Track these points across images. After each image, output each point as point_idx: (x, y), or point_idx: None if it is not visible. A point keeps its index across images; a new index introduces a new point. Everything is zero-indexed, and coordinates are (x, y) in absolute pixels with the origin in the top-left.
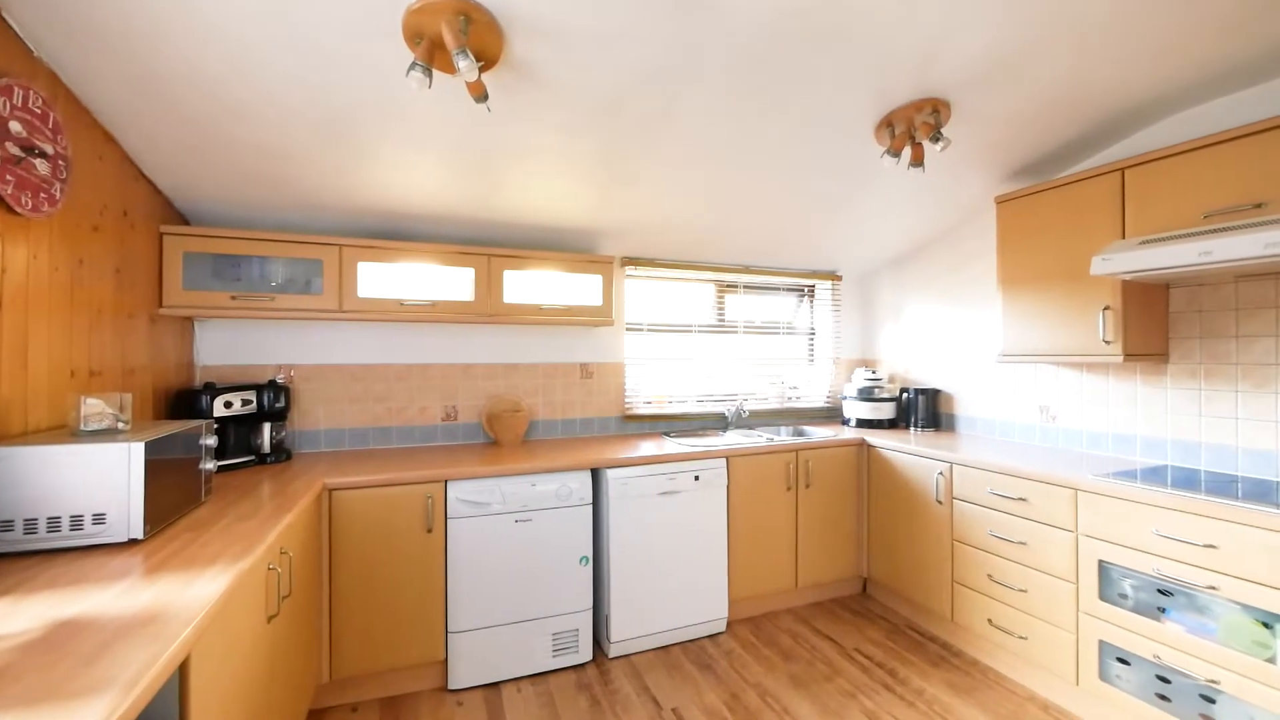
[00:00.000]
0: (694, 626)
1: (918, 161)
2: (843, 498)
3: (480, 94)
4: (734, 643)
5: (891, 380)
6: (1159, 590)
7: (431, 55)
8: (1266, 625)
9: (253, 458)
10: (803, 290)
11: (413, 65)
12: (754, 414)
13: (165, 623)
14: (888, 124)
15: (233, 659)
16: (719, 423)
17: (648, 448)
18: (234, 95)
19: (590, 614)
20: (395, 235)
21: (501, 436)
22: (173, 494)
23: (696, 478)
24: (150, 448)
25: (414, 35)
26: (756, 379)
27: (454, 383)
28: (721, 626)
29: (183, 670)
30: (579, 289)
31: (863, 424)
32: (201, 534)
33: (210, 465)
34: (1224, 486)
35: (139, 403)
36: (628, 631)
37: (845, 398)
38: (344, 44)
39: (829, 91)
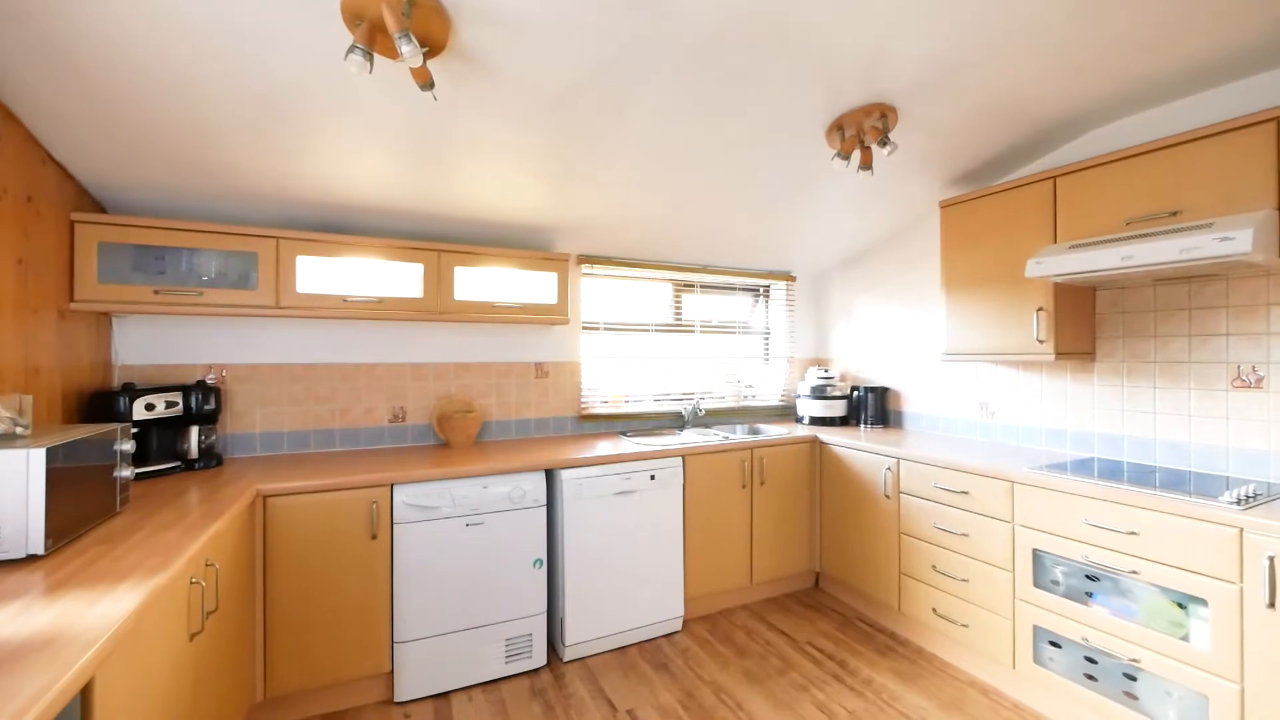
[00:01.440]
0: (650, 626)
1: (866, 165)
2: (796, 494)
3: (426, 81)
4: (690, 641)
5: (843, 379)
6: (1087, 576)
7: (372, 38)
8: (1181, 606)
9: (179, 464)
10: (758, 290)
11: (352, 48)
12: (711, 413)
13: (64, 646)
14: (838, 127)
15: (150, 681)
16: (676, 422)
17: (604, 447)
18: (155, 74)
19: (544, 618)
20: (339, 228)
21: (453, 438)
22: (82, 504)
23: (652, 477)
24: (53, 454)
25: (354, 17)
26: (713, 378)
27: (402, 383)
28: (678, 625)
29: (86, 696)
30: (534, 287)
31: (815, 421)
32: (114, 547)
33: (127, 473)
34: (1144, 476)
35: (45, 406)
36: (583, 634)
37: (799, 396)
38: (278, 23)
39: (781, 93)
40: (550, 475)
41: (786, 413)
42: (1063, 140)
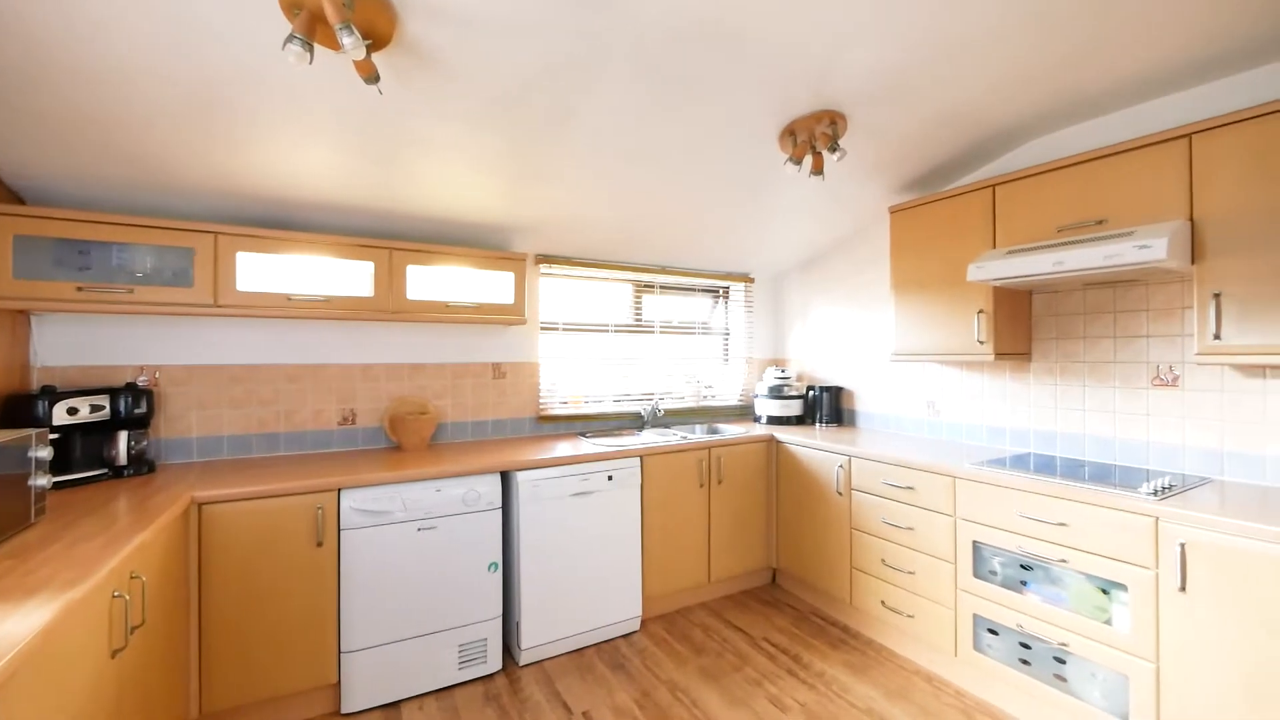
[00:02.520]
0: (608, 627)
1: (818, 170)
2: (753, 493)
3: (370, 75)
4: (647, 640)
5: (799, 379)
6: (1021, 565)
7: (312, 29)
8: (1104, 591)
9: (105, 471)
10: (718, 291)
11: (290, 37)
12: (670, 413)
13: None
14: (790, 133)
15: (65, 702)
16: (636, 422)
17: (563, 448)
18: (82, 62)
19: (500, 622)
20: (284, 224)
21: (405, 440)
22: None
23: (610, 478)
24: None
25: (291, 5)
26: (673, 378)
27: (352, 384)
28: (636, 625)
29: None
30: (490, 286)
31: (773, 421)
32: (25, 561)
33: (43, 481)
34: (1074, 470)
35: None
36: (539, 637)
37: (757, 396)
38: (213, 10)
39: (734, 98)
40: (506, 477)
41: (745, 412)
42: (1002, 150)
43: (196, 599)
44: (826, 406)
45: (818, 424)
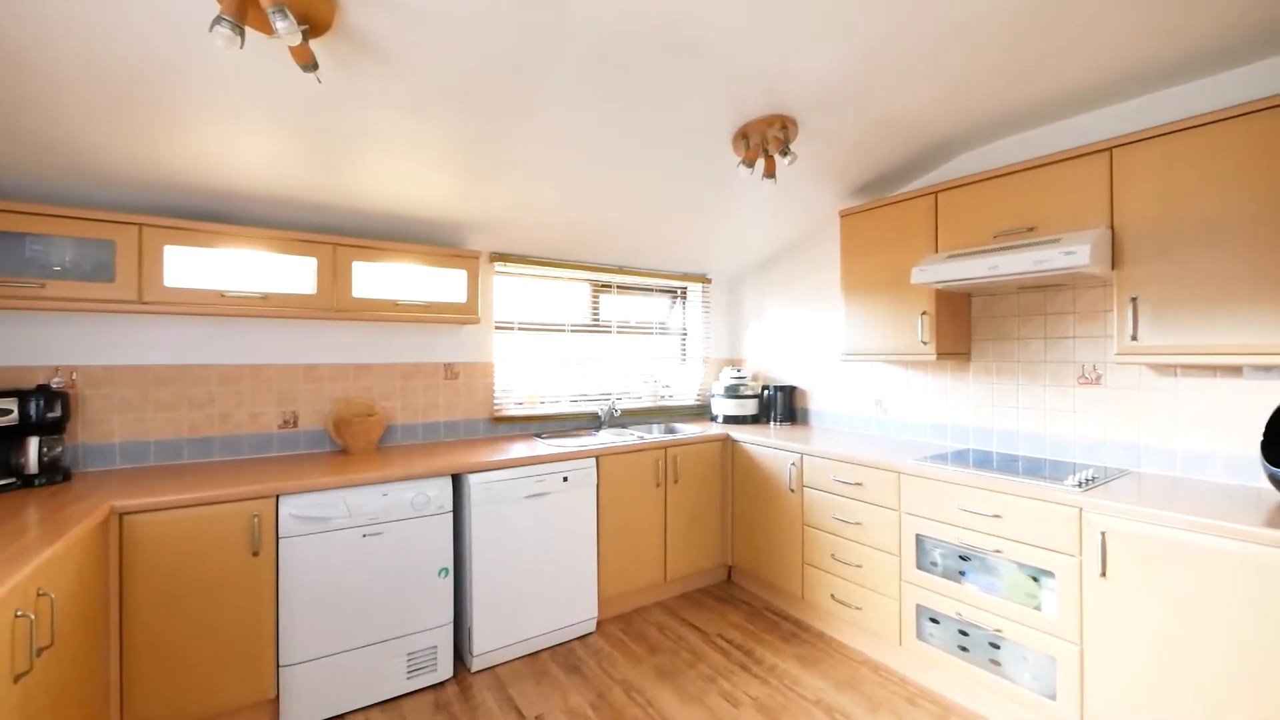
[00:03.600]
0: (564, 629)
1: (770, 173)
2: (709, 491)
3: (308, 62)
4: (603, 641)
5: (755, 378)
6: (960, 556)
7: (243, 11)
8: (1035, 579)
9: (14, 480)
10: (676, 292)
11: (218, 19)
12: (627, 413)
13: None
14: (743, 136)
15: None
16: (592, 423)
17: (518, 450)
18: None
19: (451, 628)
20: (217, 217)
21: (352, 443)
22: None
23: (565, 479)
24: None
25: None
26: (631, 378)
27: (294, 385)
28: (592, 627)
29: None
30: (442, 284)
31: (729, 420)
32: None
33: None
34: (1009, 464)
35: None
36: (492, 642)
37: (714, 395)
38: None
39: (689, 100)
40: (458, 480)
41: (702, 412)
42: (945, 159)
43: (117, 616)
44: (781, 405)
45: (772, 423)
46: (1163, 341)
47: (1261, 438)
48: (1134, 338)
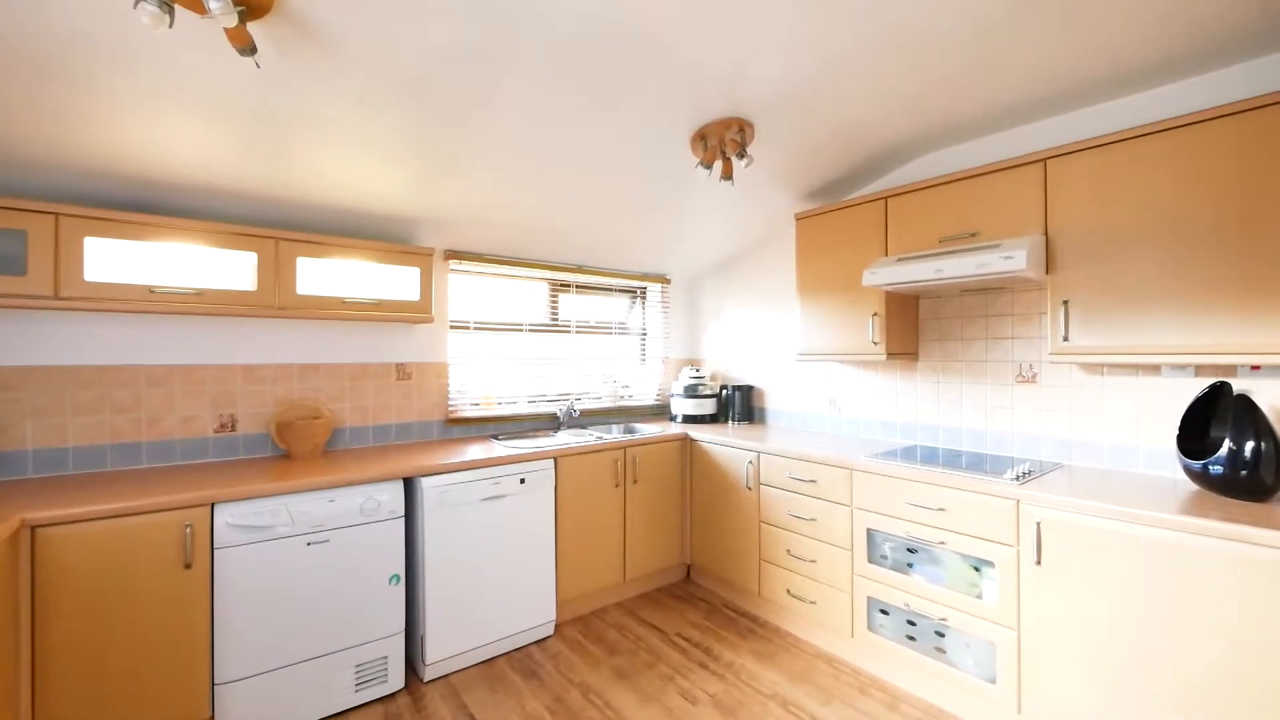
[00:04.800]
0: (521, 634)
1: (727, 175)
2: (668, 491)
3: (245, 45)
4: (561, 645)
5: (714, 378)
6: (908, 549)
7: None
8: (976, 569)
9: None
10: (635, 292)
11: None
12: (587, 413)
13: None
14: (701, 137)
15: None
16: (551, 423)
17: (474, 452)
18: None
19: (402, 637)
20: (147, 207)
21: (295, 448)
22: None
23: (522, 480)
24: None
25: None
26: (590, 378)
27: (231, 387)
28: (550, 630)
29: None
30: (393, 282)
31: (688, 419)
32: None
33: None
34: (953, 459)
35: None
36: (446, 650)
37: (673, 395)
38: None
39: (648, 100)
40: (410, 483)
41: (662, 411)
42: (895, 165)
43: (29, 638)
44: (739, 405)
45: (731, 422)
46: (1091, 342)
47: (1177, 431)
48: (1065, 339)
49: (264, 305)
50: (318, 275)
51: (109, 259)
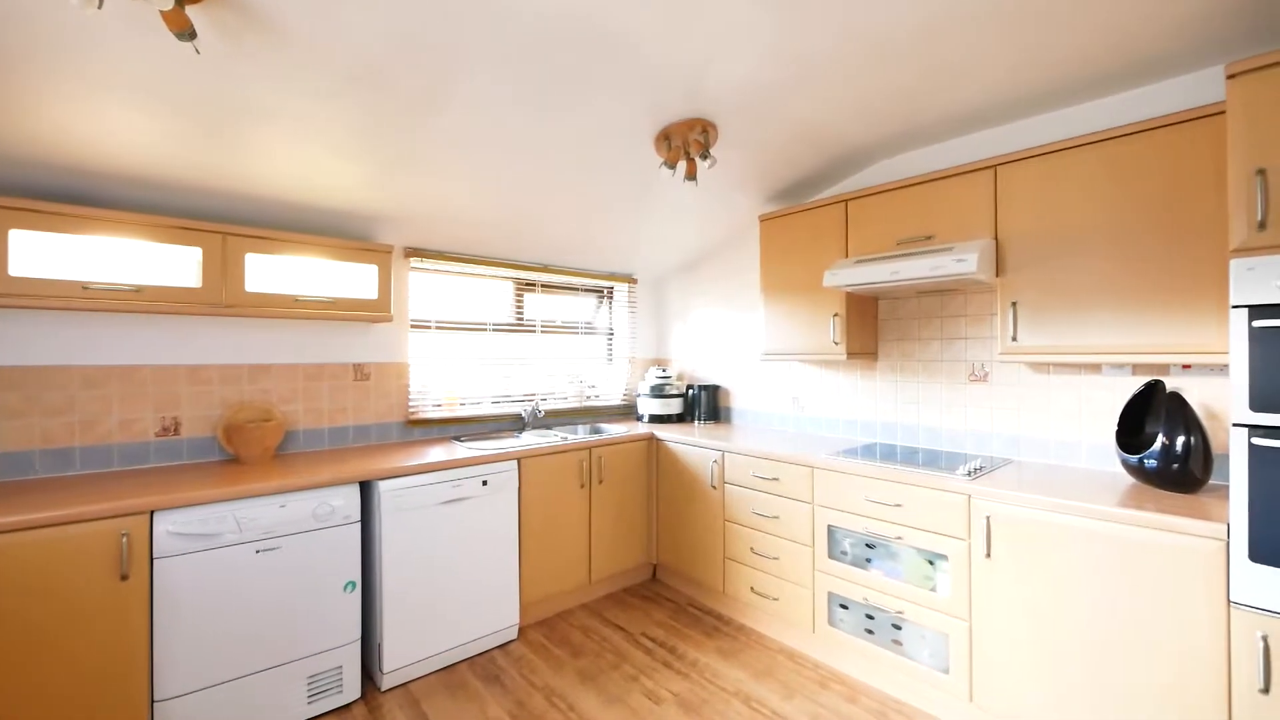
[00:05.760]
0: (483, 639)
1: (691, 176)
2: (634, 491)
3: (183, 29)
4: (525, 648)
5: (680, 378)
6: (866, 544)
7: None
8: (930, 562)
9: None
10: (602, 291)
11: None
12: (552, 414)
13: None
14: (665, 137)
15: None
16: (516, 424)
17: (436, 454)
18: None
19: (359, 646)
20: (82, 199)
21: (244, 452)
22: None
23: (485, 482)
24: None
25: None
26: (556, 378)
27: (174, 388)
28: (513, 634)
29: None
30: (350, 280)
31: (655, 419)
32: None
33: None
34: (911, 456)
35: None
36: (405, 658)
37: (640, 395)
38: None
39: (612, 98)
40: (366, 487)
41: (628, 411)
42: (855, 169)
43: None
44: (705, 404)
45: (696, 421)
46: (1038, 342)
47: (1116, 427)
48: (1014, 339)
49: (210, 303)
50: (269, 272)
51: (36, 253)
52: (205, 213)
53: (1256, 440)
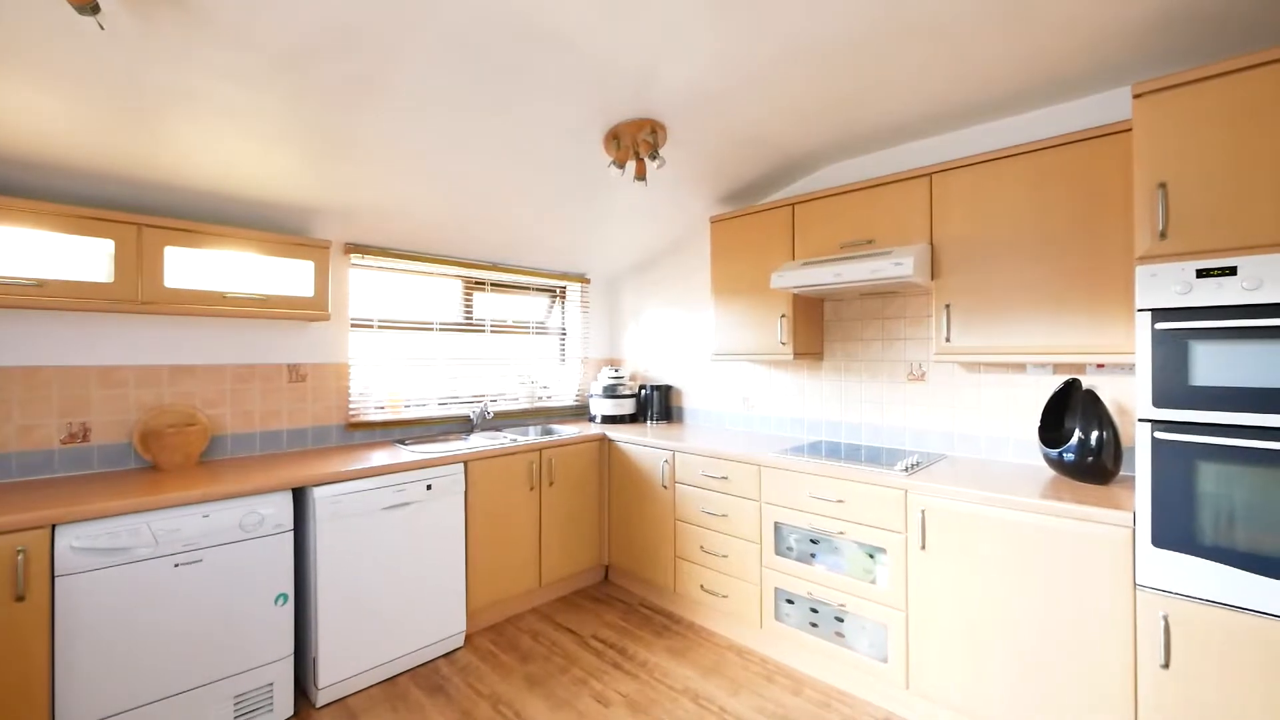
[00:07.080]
0: (428, 648)
1: (640, 176)
2: (586, 492)
3: (85, 3)
4: (472, 656)
5: (633, 378)
6: (811, 540)
7: None
8: (871, 556)
9: None
10: (554, 291)
11: None
12: (502, 415)
13: None
14: (614, 137)
15: None
16: (464, 426)
17: (377, 458)
18: None
19: (291, 661)
20: None
21: (164, 459)
22: None
23: (429, 487)
24: None
25: None
26: (506, 379)
27: (82, 391)
28: (460, 641)
29: None
30: (284, 276)
31: (608, 420)
32: None
33: None
34: (854, 454)
35: None
36: (342, 671)
37: (592, 395)
38: None
39: (557, 96)
40: (300, 494)
41: (581, 412)
42: (802, 173)
43: None
44: (657, 404)
45: (649, 421)
46: (969, 343)
47: (1039, 423)
48: (948, 340)
49: (123, 299)
50: (192, 267)
51: None
52: (120, 202)
53: (1159, 434)
